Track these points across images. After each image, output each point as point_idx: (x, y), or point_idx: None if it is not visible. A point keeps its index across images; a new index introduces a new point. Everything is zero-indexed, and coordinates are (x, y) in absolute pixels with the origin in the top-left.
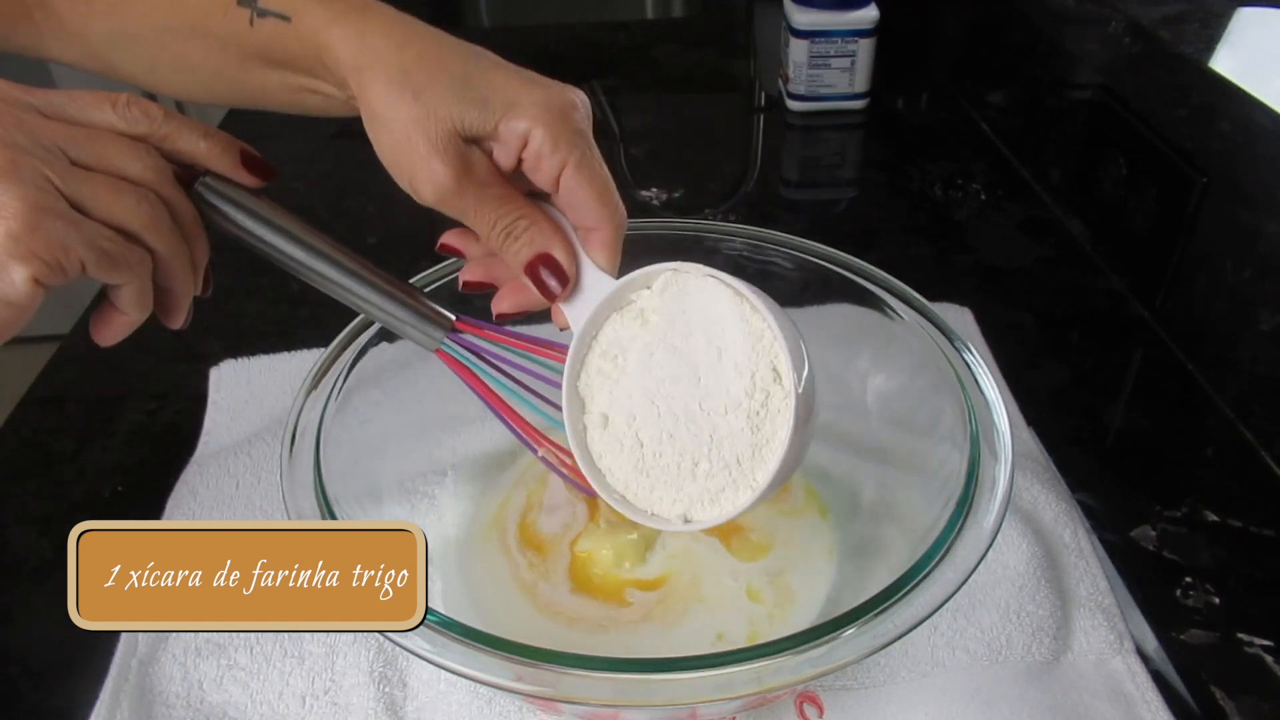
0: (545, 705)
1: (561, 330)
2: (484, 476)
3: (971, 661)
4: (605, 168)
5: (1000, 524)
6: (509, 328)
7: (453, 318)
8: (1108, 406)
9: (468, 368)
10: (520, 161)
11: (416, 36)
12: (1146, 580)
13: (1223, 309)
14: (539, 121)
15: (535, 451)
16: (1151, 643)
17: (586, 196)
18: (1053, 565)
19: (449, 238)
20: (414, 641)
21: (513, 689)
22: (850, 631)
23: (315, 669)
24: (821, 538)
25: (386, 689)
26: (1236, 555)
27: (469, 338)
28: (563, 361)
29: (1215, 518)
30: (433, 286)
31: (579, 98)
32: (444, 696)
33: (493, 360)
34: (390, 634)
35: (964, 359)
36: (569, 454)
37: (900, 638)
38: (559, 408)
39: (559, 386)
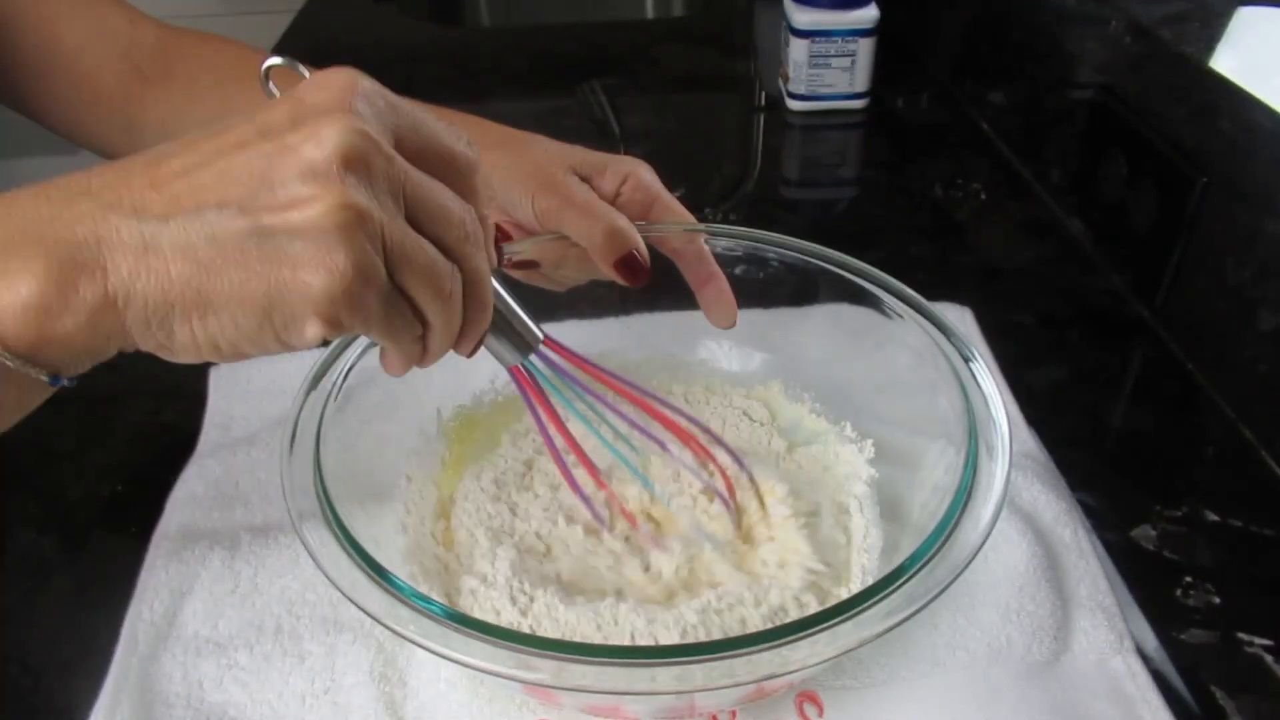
0: (546, 700)
1: None
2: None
3: (971, 661)
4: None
5: (997, 518)
6: (585, 357)
7: (542, 335)
8: (1108, 406)
9: (541, 391)
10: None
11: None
12: (1146, 580)
13: (1223, 309)
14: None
15: (582, 495)
16: (1151, 642)
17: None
18: (1053, 565)
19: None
20: (414, 631)
21: (514, 677)
22: (845, 622)
23: (315, 668)
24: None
25: (386, 688)
26: (1237, 555)
27: (553, 358)
28: (637, 400)
29: (1215, 517)
30: None
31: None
32: (444, 696)
33: (564, 386)
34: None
35: (963, 357)
36: (618, 503)
37: (894, 628)
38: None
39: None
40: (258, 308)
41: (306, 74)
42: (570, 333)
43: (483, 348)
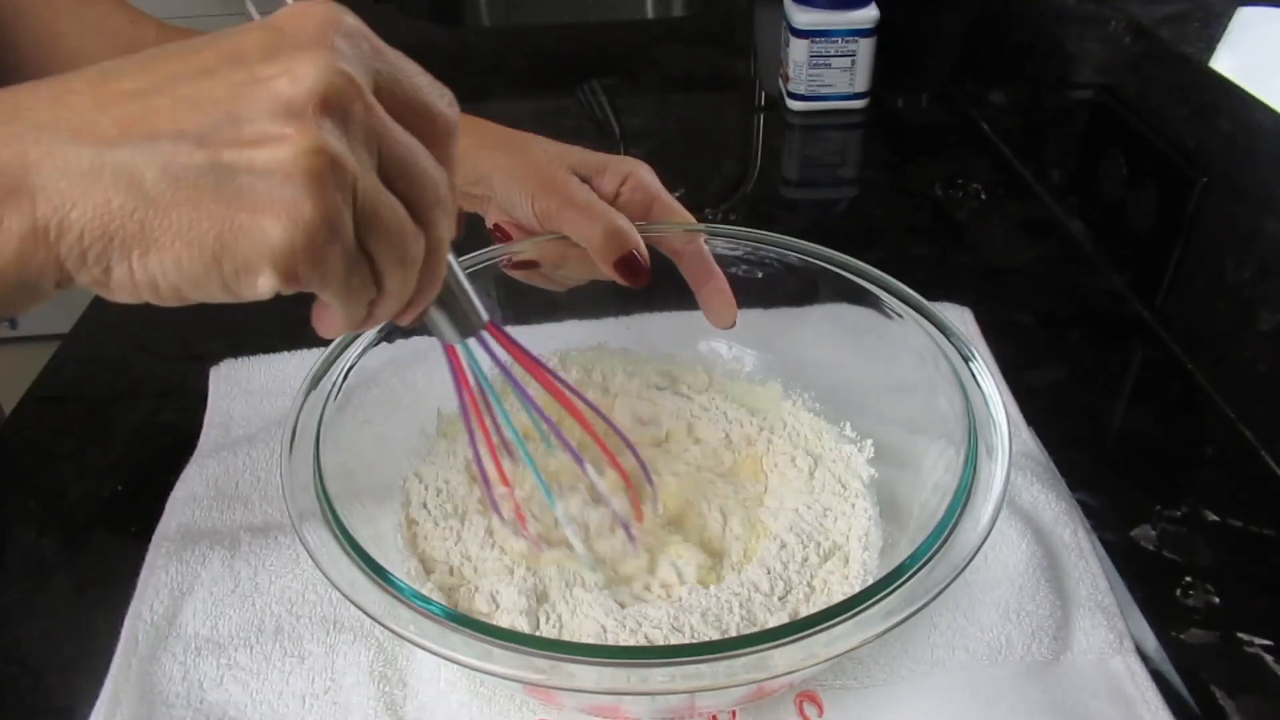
0: (546, 700)
1: None
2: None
3: (971, 661)
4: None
5: (997, 518)
6: (529, 350)
7: (486, 319)
8: (1108, 406)
9: (467, 375)
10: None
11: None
12: (1146, 580)
13: (1223, 309)
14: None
15: (490, 491)
16: (1151, 642)
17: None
18: (1053, 565)
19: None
20: (413, 631)
21: (513, 677)
22: (845, 622)
23: (315, 668)
24: None
25: (386, 688)
26: (1236, 555)
27: (492, 345)
28: (569, 406)
29: (1215, 517)
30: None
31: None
32: (444, 696)
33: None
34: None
35: (963, 357)
36: (518, 509)
37: (893, 628)
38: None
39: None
40: (207, 251)
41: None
42: (570, 333)
43: (423, 319)
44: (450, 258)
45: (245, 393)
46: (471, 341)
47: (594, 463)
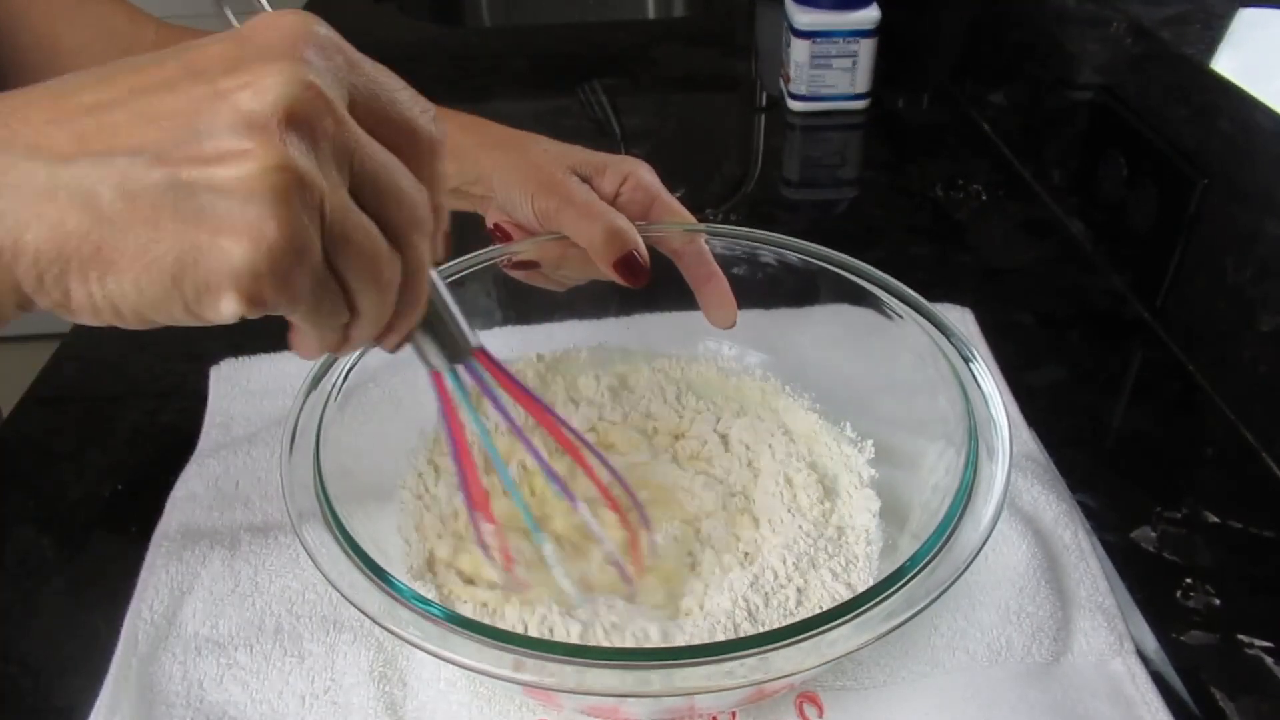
0: (545, 700)
1: None
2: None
3: (971, 662)
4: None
5: (997, 519)
6: (522, 382)
7: (474, 345)
8: (1108, 407)
9: (455, 406)
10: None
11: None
12: (1147, 581)
13: (1223, 309)
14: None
15: (475, 518)
16: (1151, 644)
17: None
18: (1053, 566)
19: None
20: (415, 634)
21: (512, 679)
22: (846, 624)
23: (315, 668)
24: None
25: (386, 688)
26: (1237, 556)
27: (480, 373)
28: (568, 434)
29: (1215, 518)
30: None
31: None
32: (444, 696)
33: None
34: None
35: (963, 357)
36: (506, 552)
37: (894, 629)
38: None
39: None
40: (165, 273)
41: (264, 3)
42: (570, 333)
43: (407, 345)
44: (436, 279)
45: (245, 392)
46: (460, 369)
47: (588, 500)
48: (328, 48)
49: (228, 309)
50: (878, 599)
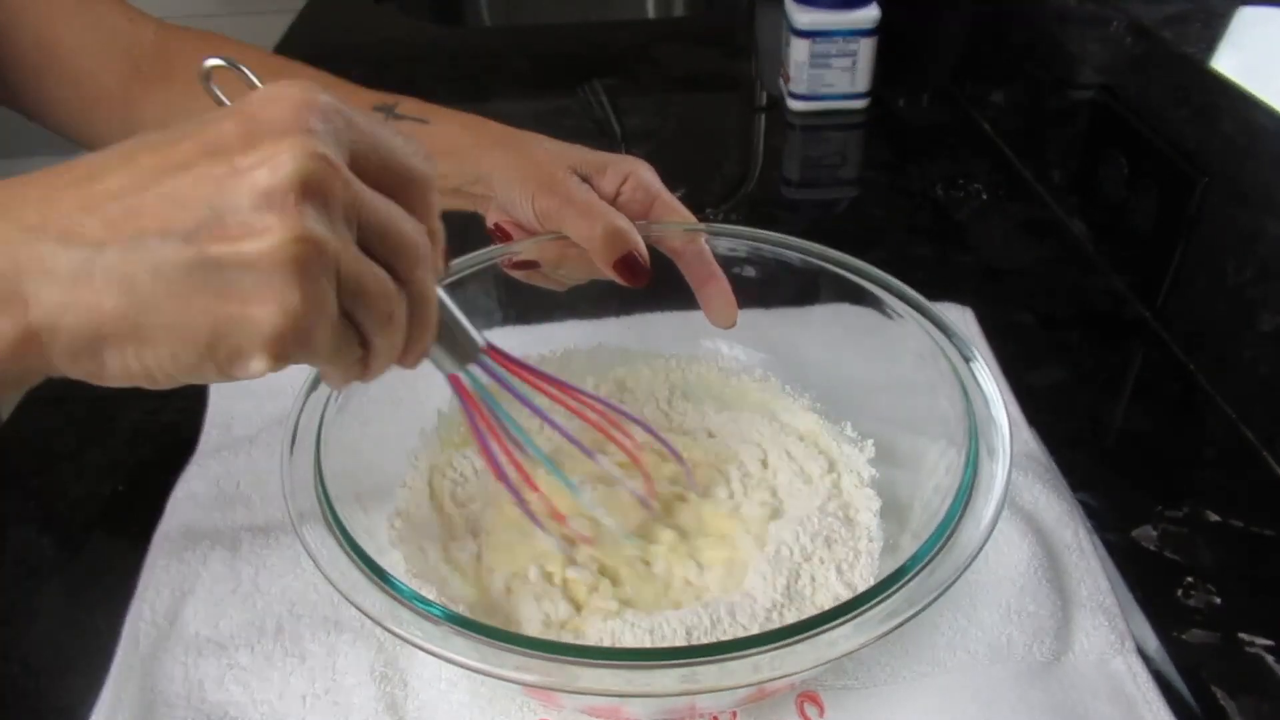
0: (546, 700)
1: None
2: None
3: (972, 661)
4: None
5: (998, 518)
6: (529, 363)
7: (483, 343)
8: (1108, 406)
9: (477, 401)
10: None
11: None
12: (1148, 580)
13: (1224, 309)
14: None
15: (519, 499)
16: (1152, 643)
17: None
18: (1054, 565)
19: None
20: (416, 634)
21: (512, 679)
22: (847, 623)
23: (316, 668)
24: None
25: (387, 688)
26: (1238, 555)
27: (493, 367)
28: (582, 407)
29: (1216, 518)
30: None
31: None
32: (445, 696)
33: (501, 395)
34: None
35: (964, 357)
36: (556, 511)
37: (895, 629)
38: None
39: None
40: (200, 343)
41: (252, 76)
42: (570, 333)
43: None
44: (442, 295)
45: (246, 392)
46: (474, 366)
47: (602, 449)
48: (329, 113)
49: (257, 368)
50: (878, 598)
